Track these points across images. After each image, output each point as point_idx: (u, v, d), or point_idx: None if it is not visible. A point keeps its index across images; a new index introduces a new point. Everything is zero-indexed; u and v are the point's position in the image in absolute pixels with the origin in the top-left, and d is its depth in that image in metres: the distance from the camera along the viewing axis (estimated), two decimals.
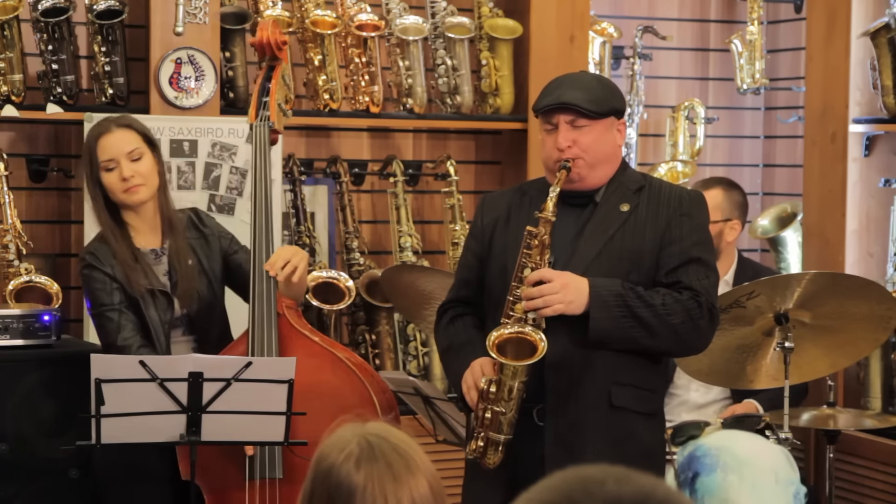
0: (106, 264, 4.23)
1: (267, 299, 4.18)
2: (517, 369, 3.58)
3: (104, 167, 4.23)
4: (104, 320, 4.23)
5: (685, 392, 5.19)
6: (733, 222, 5.24)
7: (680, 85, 6.50)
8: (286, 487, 4.17)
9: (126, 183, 4.22)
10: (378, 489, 2.13)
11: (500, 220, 3.81)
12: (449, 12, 5.70)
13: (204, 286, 4.30)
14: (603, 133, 3.72)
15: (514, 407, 3.61)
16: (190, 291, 4.26)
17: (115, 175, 4.23)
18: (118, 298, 4.22)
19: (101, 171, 4.24)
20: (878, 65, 5.50)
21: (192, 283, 4.27)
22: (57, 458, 4.43)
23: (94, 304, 4.26)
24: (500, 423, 3.61)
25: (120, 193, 4.24)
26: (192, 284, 4.28)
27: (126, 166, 4.22)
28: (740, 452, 4.07)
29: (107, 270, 4.22)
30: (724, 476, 3.99)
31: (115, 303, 4.21)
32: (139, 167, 4.24)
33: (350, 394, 4.15)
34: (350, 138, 5.83)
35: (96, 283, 4.24)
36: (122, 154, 4.23)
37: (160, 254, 4.29)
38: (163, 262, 4.29)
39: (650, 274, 3.69)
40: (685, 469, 4.07)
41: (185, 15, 5.21)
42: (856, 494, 5.41)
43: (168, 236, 4.30)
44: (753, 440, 4.22)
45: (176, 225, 4.31)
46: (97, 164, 4.23)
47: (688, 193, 3.81)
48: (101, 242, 4.27)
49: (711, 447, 4.08)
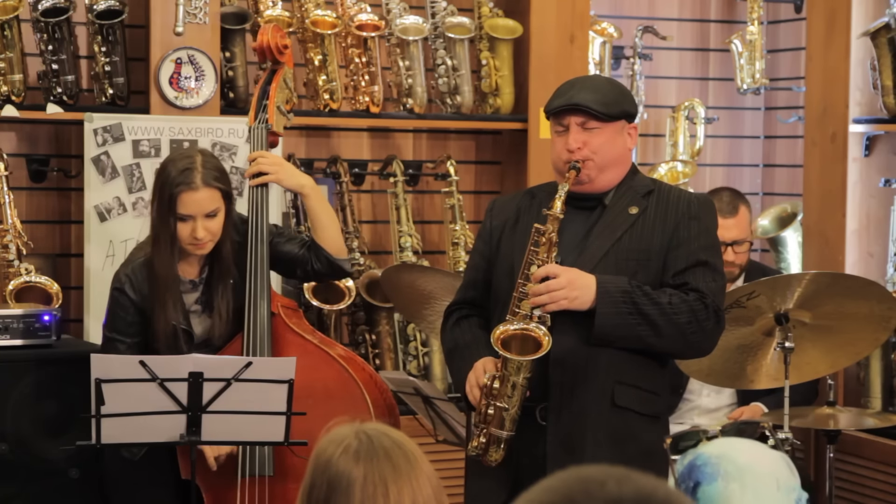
0: (138, 291, 4.17)
1: (261, 299, 4.18)
2: (521, 365, 3.58)
3: (180, 217, 4.12)
4: (110, 346, 4.20)
5: (697, 397, 5.20)
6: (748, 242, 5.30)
7: (680, 85, 6.50)
8: (278, 485, 4.17)
9: (195, 240, 4.13)
10: (379, 480, 2.13)
11: (509, 222, 3.82)
12: (449, 12, 5.70)
13: (238, 298, 4.23)
14: (613, 136, 3.73)
15: (517, 403, 3.61)
16: (222, 323, 4.21)
17: (188, 228, 4.12)
18: (133, 332, 4.18)
19: (177, 219, 4.13)
20: (878, 65, 5.50)
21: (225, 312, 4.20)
22: (57, 458, 4.43)
23: (110, 325, 4.23)
24: (503, 419, 3.62)
25: (186, 244, 4.15)
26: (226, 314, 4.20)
27: (201, 225, 4.12)
28: (741, 460, 4.06)
29: (135, 299, 4.17)
30: (726, 485, 3.97)
31: (127, 336, 4.18)
32: (213, 225, 4.14)
33: (342, 394, 4.15)
34: (350, 138, 5.83)
35: (119, 309, 4.20)
36: (201, 213, 4.13)
37: (197, 283, 4.24)
38: (197, 291, 4.24)
39: (657, 276, 3.69)
40: (686, 479, 4.06)
41: (185, 15, 5.21)
42: (856, 494, 5.41)
43: (211, 266, 4.22)
44: (753, 447, 4.20)
45: (223, 257, 4.21)
46: (175, 213, 4.12)
47: (696, 198, 3.81)
48: (143, 266, 4.19)
49: (711, 456, 4.07)
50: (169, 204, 4.12)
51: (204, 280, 4.24)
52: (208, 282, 4.23)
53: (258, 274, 4.20)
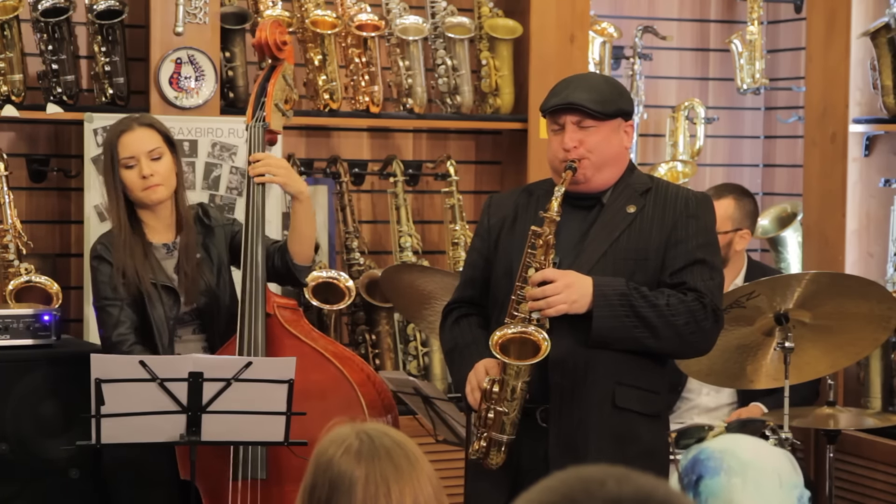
0: (115, 256, 4.25)
1: (255, 299, 4.18)
2: (520, 369, 3.58)
3: (124, 164, 4.26)
4: (104, 314, 4.27)
5: (696, 396, 5.20)
6: (743, 231, 5.25)
7: (680, 85, 6.50)
8: (273, 488, 4.17)
9: (145, 181, 4.25)
10: (381, 480, 2.13)
11: (507, 220, 3.81)
12: (449, 12, 5.70)
13: (213, 278, 4.33)
14: (609, 134, 3.72)
15: (517, 407, 3.61)
16: (196, 285, 4.27)
17: (134, 173, 4.26)
18: (121, 293, 4.24)
19: (121, 167, 4.27)
20: (878, 65, 5.50)
21: (198, 277, 4.29)
22: (57, 458, 4.43)
23: (97, 296, 4.29)
24: (503, 423, 3.61)
25: (138, 192, 4.27)
26: (199, 278, 4.29)
27: (146, 165, 4.25)
28: (744, 455, 4.06)
29: (111, 261, 4.25)
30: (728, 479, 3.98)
31: (117, 297, 4.23)
32: (158, 167, 4.27)
33: (336, 394, 4.14)
34: (350, 138, 5.83)
35: (102, 276, 4.27)
36: (142, 152, 4.26)
37: (171, 248, 4.32)
38: (173, 257, 4.32)
39: (655, 275, 3.68)
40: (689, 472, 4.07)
41: (185, 15, 5.21)
42: (856, 494, 5.41)
43: (180, 233, 4.32)
44: (757, 444, 4.21)
45: (189, 222, 4.33)
46: (118, 160, 4.26)
47: (694, 195, 3.80)
48: (113, 234, 4.30)
49: (715, 450, 4.07)
50: (112, 156, 4.25)
51: (177, 244, 4.31)
52: (182, 245, 4.31)
53: (253, 274, 4.20)
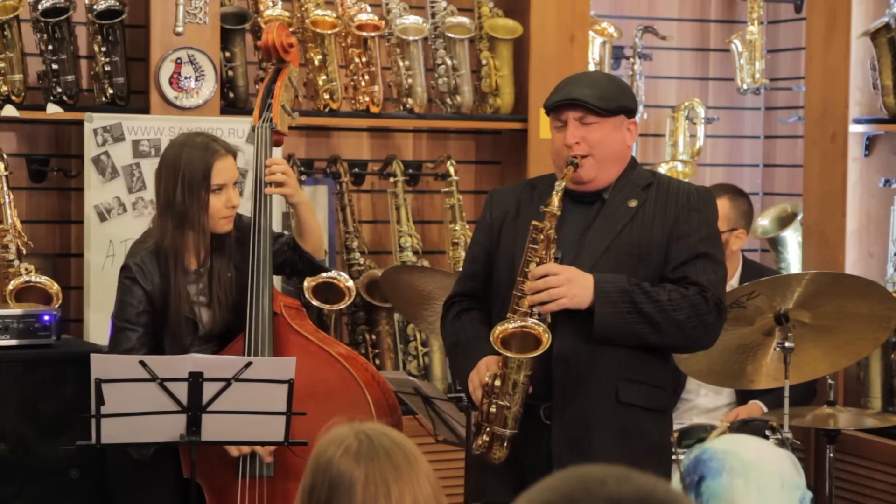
0: (149, 281, 4.16)
1: (263, 298, 4.18)
2: (522, 363, 3.58)
3: (215, 188, 4.15)
4: (121, 335, 4.18)
5: (695, 396, 5.20)
6: (738, 231, 5.26)
7: (680, 85, 6.50)
8: (279, 486, 4.17)
9: (230, 210, 4.17)
10: (380, 480, 2.13)
11: (510, 214, 3.81)
12: (449, 12, 5.70)
13: (238, 292, 4.24)
14: (612, 131, 3.72)
15: (519, 401, 3.61)
16: (222, 308, 4.21)
17: (222, 199, 4.16)
18: (144, 321, 4.16)
19: (210, 193, 4.15)
20: (878, 65, 5.50)
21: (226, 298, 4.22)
22: (57, 458, 4.43)
23: (119, 314, 4.20)
24: (505, 417, 3.61)
25: (218, 218, 4.17)
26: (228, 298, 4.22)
27: (234, 195, 4.18)
28: (746, 456, 4.06)
29: (147, 288, 4.16)
30: (730, 480, 3.98)
31: (139, 325, 4.16)
32: (237, 196, 4.21)
33: (344, 394, 4.15)
34: (350, 138, 5.83)
35: (130, 298, 4.17)
36: (231, 181, 4.18)
37: (201, 273, 4.24)
38: (201, 281, 4.24)
39: (658, 269, 3.68)
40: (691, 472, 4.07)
41: (185, 15, 5.21)
42: (856, 494, 5.41)
43: (212, 255, 4.23)
44: (760, 444, 4.20)
45: (225, 245, 4.25)
46: (209, 186, 4.13)
47: (696, 189, 3.80)
48: (152, 255, 4.18)
49: (717, 451, 4.07)
50: (203, 179, 4.12)
51: (207, 270, 4.24)
52: (210, 271, 4.24)
53: (261, 273, 4.20)
